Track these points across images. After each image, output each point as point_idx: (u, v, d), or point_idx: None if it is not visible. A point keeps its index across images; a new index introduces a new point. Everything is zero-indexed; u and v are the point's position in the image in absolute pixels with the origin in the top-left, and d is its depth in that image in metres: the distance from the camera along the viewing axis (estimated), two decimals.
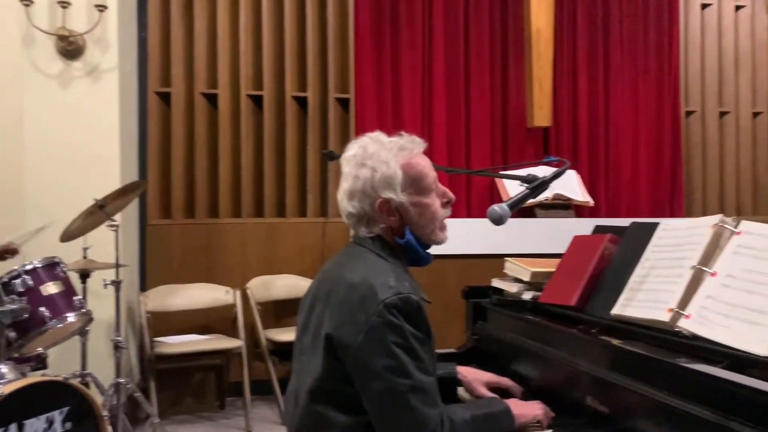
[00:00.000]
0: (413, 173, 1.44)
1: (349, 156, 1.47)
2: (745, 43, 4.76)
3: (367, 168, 1.42)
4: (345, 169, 1.47)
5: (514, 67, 4.37)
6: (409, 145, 1.48)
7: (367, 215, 1.43)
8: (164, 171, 3.97)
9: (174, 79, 3.95)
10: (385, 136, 1.50)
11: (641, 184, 4.56)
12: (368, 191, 1.41)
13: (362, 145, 1.47)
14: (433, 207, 1.47)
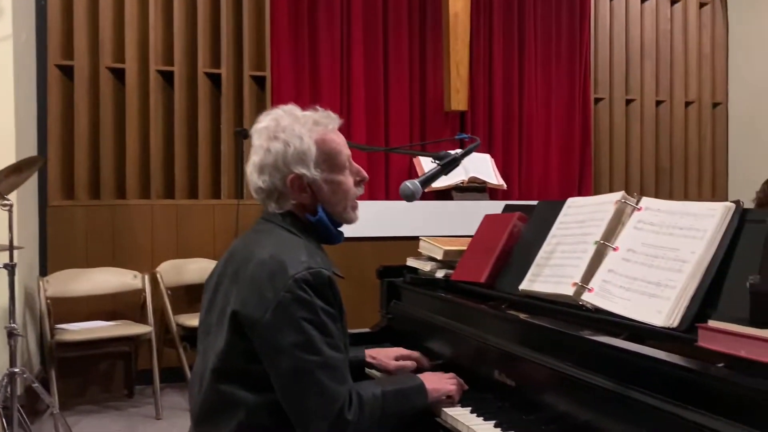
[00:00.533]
0: (327, 149, 1.41)
1: (260, 128, 1.41)
2: (649, 35, 4.97)
3: (279, 141, 1.37)
4: (256, 142, 1.41)
5: (433, 50, 4.39)
6: (324, 120, 1.44)
7: (277, 190, 1.38)
8: (66, 149, 3.75)
9: (77, 51, 3.73)
10: (299, 109, 1.45)
11: (552, 168, 4.70)
12: (280, 166, 1.36)
13: (275, 118, 1.41)
14: (346, 185, 1.44)
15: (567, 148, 4.73)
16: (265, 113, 1.44)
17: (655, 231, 1.40)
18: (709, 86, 5.18)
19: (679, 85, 5.07)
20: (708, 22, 5.18)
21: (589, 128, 4.77)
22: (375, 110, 4.28)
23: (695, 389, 1.02)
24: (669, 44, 5.05)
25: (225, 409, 1.28)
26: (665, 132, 5.04)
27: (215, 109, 4.00)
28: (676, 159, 5.08)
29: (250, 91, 4.04)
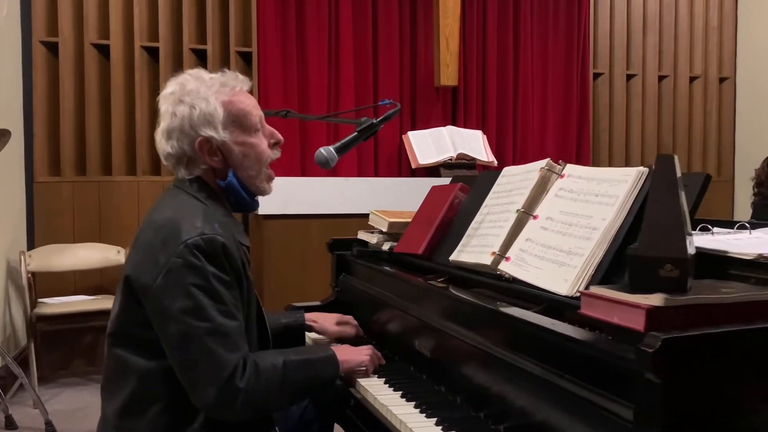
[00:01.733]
0: (236, 111, 1.38)
1: (166, 93, 1.39)
2: (653, 7, 4.81)
3: (185, 105, 1.35)
4: (162, 107, 1.39)
5: (423, 24, 4.30)
6: (232, 81, 1.41)
7: (186, 155, 1.37)
8: (53, 126, 3.77)
9: (62, 28, 3.73)
10: (206, 73, 1.43)
11: (548, 145, 4.59)
12: (186, 129, 1.34)
13: (181, 82, 1.39)
14: (259, 147, 1.41)
15: (564, 125, 4.62)
16: (173, 78, 1.42)
17: (573, 198, 1.34)
18: (715, 60, 5.00)
19: (683, 60, 4.91)
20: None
21: (587, 104, 4.64)
22: (364, 86, 4.21)
23: (575, 358, 0.98)
24: (673, 17, 4.87)
25: (120, 374, 1.27)
26: (668, 108, 4.89)
27: None
28: (679, 136, 4.93)
29: (236, 67, 4.00)
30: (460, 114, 4.40)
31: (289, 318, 1.71)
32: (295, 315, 1.73)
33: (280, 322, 1.66)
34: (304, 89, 4.12)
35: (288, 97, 4.05)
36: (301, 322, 1.72)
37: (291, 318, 1.71)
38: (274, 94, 4.01)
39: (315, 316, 1.75)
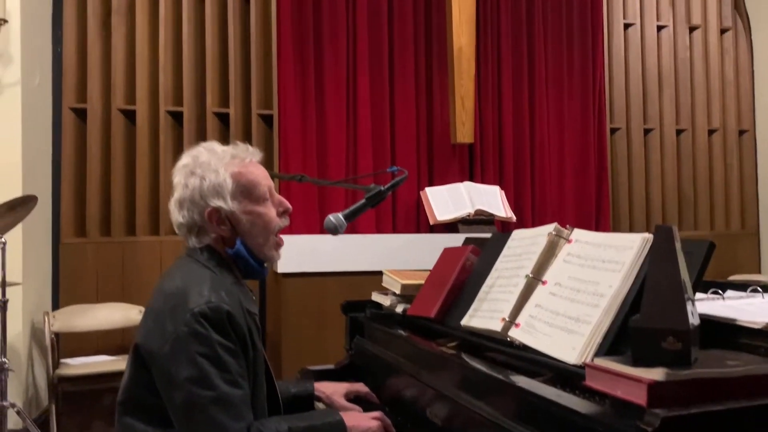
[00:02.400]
0: (244, 181, 1.42)
1: (180, 165, 1.45)
2: (667, 62, 4.86)
3: (196, 177, 1.40)
4: (175, 179, 1.44)
5: (439, 84, 4.39)
6: (242, 153, 1.47)
7: (196, 225, 1.41)
8: (79, 188, 3.88)
9: (90, 94, 3.88)
10: (219, 145, 1.48)
11: (567, 199, 4.60)
12: (197, 200, 1.39)
13: (194, 155, 1.45)
14: (267, 216, 1.45)
15: (582, 180, 4.62)
16: (187, 151, 1.47)
17: (581, 264, 1.34)
18: (734, 113, 5.01)
19: (701, 113, 4.92)
20: (730, 47, 5.03)
21: (605, 159, 4.65)
22: (381, 143, 4.29)
23: (580, 431, 0.97)
24: (689, 72, 4.91)
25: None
26: (688, 161, 4.88)
27: None
28: (700, 188, 4.90)
29: (257, 129, 4.11)
30: (477, 170, 4.44)
31: (298, 387, 1.71)
32: (304, 385, 1.72)
33: (290, 391, 1.65)
34: (323, 148, 4.20)
35: (307, 156, 4.13)
36: (311, 391, 1.71)
37: (301, 388, 1.70)
38: (294, 154, 4.10)
39: (325, 386, 1.74)
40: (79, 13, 3.90)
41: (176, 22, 4.02)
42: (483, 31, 4.46)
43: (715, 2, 4.99)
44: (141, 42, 3.95)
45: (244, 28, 4.13)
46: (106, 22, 3.94)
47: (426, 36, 4.43)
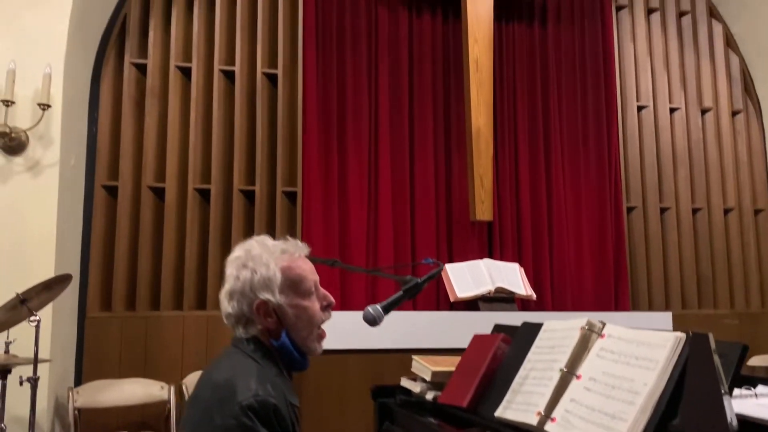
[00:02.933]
0: (293, 276, 1.49)
1: (233, 258, 1.52)
2: (681, 143, 4.97)
3: (248, 269, 1.47)
4: (227, 270, 1.51)
5: (458, 163, 4.51)
6: (292, 248, 1.53)
7: (245, 316, 1.47)
8: (107, 264, 3.97)
9: (122, 172, 4.02)
10: (270, 239, 1.55)
11: (586, 278, 4.62)
12: (247, 292, 1.46)
13: (247, 248, 1.52)
14: (311, 310, 1.50)
15: (600, 258, 4.66)
16: (240, 244, 1.54)
17: (615, 360, 1.38)
18: (748, 193, 5.08)
19: (716, 193, 4.99)
20: (742, 129, 5.15)
21: (623, 237, 4.70)
22: (402, 219, 4.37)
23: None
24: (702, 152, 5.01)
25: None
26: (705, 240, 4.92)
27: (249, 223, 4.18)
28: (718, 266, 4.91)
29: (281, 205, 4.22)
30: (496, 247, 4.50)
31: None
32: None
33: None
34: (344, 223, 4.29)
35: (329, 230, 4.22)
36: None
37: None
38: (316, 228, 4.18)
39: None
40: (115, 96, 4.10)
41: (207, 104, 4.20)
42: (500, 112, 4.61)
43: (725, 86, 5.14)
44: (173, 122, 4.12)
45: (271, 109, 4.30)
46: (140, 104, 4.13)
47: (445, 116, 4.58)
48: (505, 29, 4.74)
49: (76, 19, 3.54)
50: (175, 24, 4.19)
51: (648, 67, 4.98)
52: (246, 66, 4.29)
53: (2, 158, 3.30)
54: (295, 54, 4.35)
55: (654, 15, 5.09)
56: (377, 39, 4.49)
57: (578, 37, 4.87)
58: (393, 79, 4.48)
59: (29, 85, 3.32)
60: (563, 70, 4.79)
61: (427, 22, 4.62)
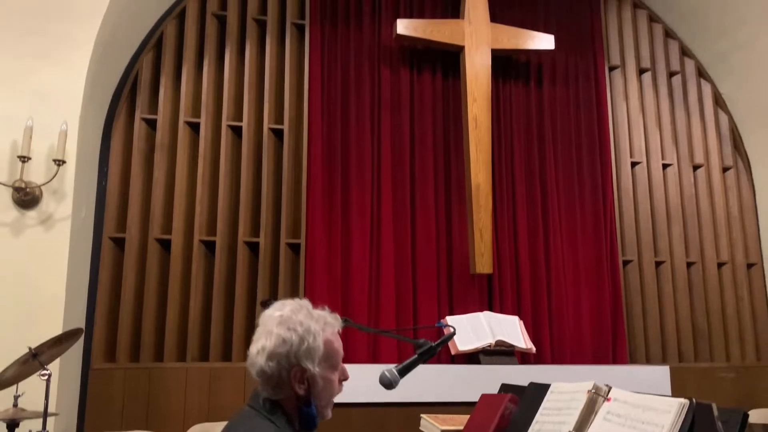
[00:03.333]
0: (332, 350, 1.56)
1: (276, 315, 1.54)
2: (674, 198, 5.10)
3: (297, 335, 1.50)
4: (269, 328, 1.52)
5: (458, 216, 4.61)
6: (333, 321, 1.59)
7: (280, 378, 1.50)
8: (112, 315, 4.01)
9: (130, 224, 4.10)
10: (310, 305, 1.60)
11: (584, 330, 4.69)
12: (291, 357, 1.49)
13: (292, 309, 1.56)
14: (334, 382, 1.58)
15: (597, 311, 4.74)
16: (281, 302, 1.59)
17: (621, 423, 1.45)
18: (741, 247, 5.19)
19: (709, 247, 5.10)
20: (733, 185, 5.30)
21: (619, 290, 4.79)
22: (403, 271, 4.44)
23: None
24: (695, 207, 5.15)
25: None
26: (699, 293, 5.01)
27: (253, 274, 4.25)
28: (713, 320, 4.99)
29: (285, 257, 4.29)
30: (496, 299, 4.57)
31: None
32: None
33: None
34: (347, 274, 4.36)
35: (332, 282, 4.29)
36: None
37: None
38: (319, 278, 4.24)
39: None
40: (125, 150, 4.21)
41: (214, 158, 4.31)
42: (498, 168, 4.75)
43: (715, 143, 5.31)
44: (180, 176, 4.22)
45: (276, 163, 4.42)
46: (149, 158, 4.24)
47: (445, 171, 4.71)
48: (503, 88, 4.92)
49: (92, 76, 3.67)
50: (185, 81, 4.34)
51: (641, 124, 5.15)
52: (253, 121, 4.42)
53: (16, 212, 3.38)
54: (300, 110, 4.49)
55: (645, 75, 5.29)
56: (380, 96, 4.65)
57: (573, 96, 5.06)
58: (395, 135, 4.62)
59: (44, 140, 3.42)
60: (559, 128, 4.96)
61: (427, 80, 4.79)
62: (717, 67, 5.38)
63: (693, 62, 5.44)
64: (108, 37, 3.78)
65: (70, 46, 3.56)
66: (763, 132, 5.21)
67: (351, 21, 4.72)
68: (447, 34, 4.67)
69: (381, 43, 4.73)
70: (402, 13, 4.79)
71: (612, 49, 5.25)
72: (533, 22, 5.05)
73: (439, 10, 4.92)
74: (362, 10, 4.75)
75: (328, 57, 4.63)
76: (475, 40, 4.68)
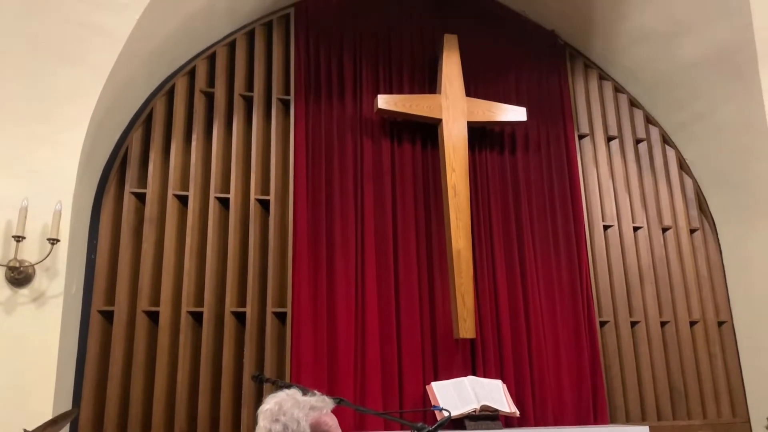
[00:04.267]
0: (321, 430, 1.66)
1: (265, 410, 1.69)
2: (645, 260, 5.31)
3: (280, 424, 1.63)
4: (260, 423, 1.67)
5: (440, 282, 4.74)
6: (320, 404, 1.71)
7: None
8: (100, 389, 4.01)
9: (118, 297, 4.15)
10: (300, 393, 1.72)
11: (565, 391, 4.79)
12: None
13: (278, 401, 1.69)
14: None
15: (578, 371, 4.85)
16: (272, 395, 1.72)
17: None
18: (711, 306, 5.39)
19: (681, 306, 5.29)
20: (701, 245, 5.53)
21: (597, 350, 4.92)
22: (388, 337, 4.53)
23: None
24: (666, 268, 5.35)
25: None
26: (674, 352, 5.17)
27: (239, 344, 4.30)
28: (688, 378, 5.14)
29: (272, 326, 4.36)
30: (479, 364, 4.66)
31: None
32: None
33: None
34: (333, 342, 4.42)
35: (318, 349, 4.34)
36: None
37: None
38: (305, 347, 4.29)
39: None
40: (114, 224, 4.29)
41: (202, 229, 4.42)
42: (477, 234, 4.92)
43: (682, 206, 5.57)
44: (168, 248, 4.31)
45: (263, 233, 4.53)
46: (138, 231, 4.32)
47: (427, 238, 4.85)
48: (479, 157, 5.14)
49: (85, 155, 3.79)
50: (174, 155, 4.48)
51: (611, 189, 5.40)
52: (240, 193, 4.56)
53: (8, 290, 3.43)
54: (286, 181, 4.64)
55: (613, 142, 5.57)
56: (362, 167, 4.83)
57: (546, 163, 5.30)
58: (377, 204, 4.78)
59: (38, 219, 3.51)
60: (533, 194, 5.17)
61: (408, 151, 4.99)
62: (680, 135, 5.68)
63: (657, 129, 5.75)
64: (102, 115, 3.91)
65: (65, 127, 3.69)
66: (725, 195, 5.49)
67: (334, 96, 4.93)
68: (425, 108, 4.91)
69: (362, 116, 4.94)
70: (382, 88, 5.03)
71: (581, 118, 5.54)
72: (506, 94, 5.33)
73: (417, 85, 5.17)
74: (344, 85, 4.98)
75: (313, 130, 4.81)
76: (452, 113, 4.92)
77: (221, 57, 4.78)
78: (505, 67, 5.45)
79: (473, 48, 5.34)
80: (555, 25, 5.66)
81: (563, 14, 5.57)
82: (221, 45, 4.81)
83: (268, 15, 4.98)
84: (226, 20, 4.67)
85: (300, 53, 4.93)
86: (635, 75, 5.65)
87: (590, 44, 5.67)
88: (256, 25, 4.94)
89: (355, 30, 5.14)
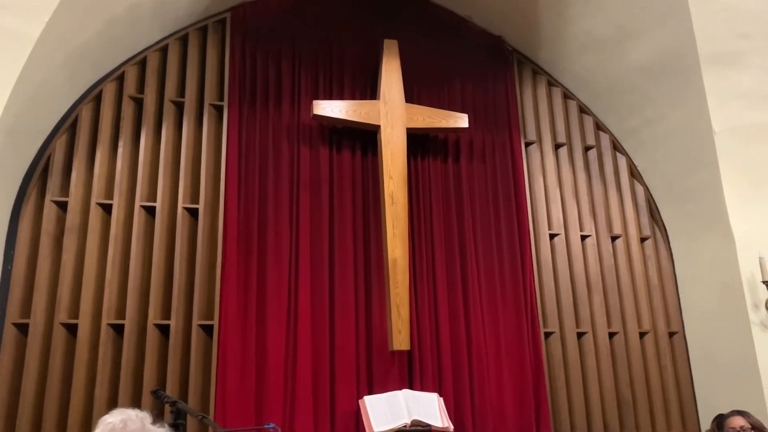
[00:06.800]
0: None
1: (108, 422, 1.56)
2: (594, 269, 5.18)
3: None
4: (97, 431, 1.53)
5: (377, 293, 4.61)
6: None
7: None
8: (11, 407, 3.85)
9: (35, 309, 4.00)
10: (149, 420, 1.59)
11: (507, 404, 4.64)
12: None
13: (125, 420, 1.56)
14: None
15: (520, 384, 4.71)
16: (119, 411, 1.59)
17: None
18: (662, 316, 5.26)
19: (630, 316, 5.16)
20: (652, 254, 5.41)
21: (541, 362, 4.78)
22: (321, 350, 4.38)
23: None
24: (615, 277, 5.23)
25: None
26: (623, 363, 5.03)
27: (162, 358, 4.15)
28: (637, 390, 5.00)
29: (197, 339, 4.21)
30: (416, 376, 4.51)
31: None
32: None
33: None
34: (262, 355, 4.26)
35: (246, 362, 4.19)
36: None
37: None
38: (232, 360, 4.15)
39: None
40: (33, 233, 4.15)
41: (126, 239, 4.28)
42: (417, 243, 4.79)
43: (633, 214, 5.46)
44: (90, 258, 4.16)
45: (190, 242, 4.40)
46: (58, 240, 4.18)
47: (365, 247, 4.72)
48: (421, 165, 5.02)
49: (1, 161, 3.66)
50: (99, 163, 4.34)
51: (558, 197, 5.28)
52: (167, 201, 4.42)
53: None
54: (217, 190, 4.51)
55: (562, 149, 5.47)
56: (299, 175, 4.70)
57: (490, 171, 5.19)
58: (314, 213, 4.65)
59: None
60: (477, 202, 5.05)
61: (347, 158, 4.88)
62: (630, 141, 5.59)
63: (608, 136, 5.65)
64: (12, 120, 3.78)
65: None
66: (677, 202, 5.38)
67: (270, 102, 4.82)
68: (363, 114, 4.80)
69: (300, 123, 4.82)
70: (322, 95, 4.92)
71: (528, 125, 5.44)
72: (451, 101, 5.23)
73: (359, 92, 5.06)
74: (282, 91, 4.87)
75: (247, 137, 4.69)
76: (391, 119, 4.81)
77: (152, 62, 4.67)
78: (451, 74, 5.35)
79: (417, 54, 5.25)
80: (502, 31, 5.57)
81: (510, 20, 5.48)
82: (152, 50, 4.70)
83: (203, 20, 4.88)
84: (155, 26, 4.56)
85: (235, 58, 4.82)
86: (585, 81, 5.56)
87: (538, 50, 5.58)
88: (190, 30, 4.83)
89: (295, 35, 5.04)
